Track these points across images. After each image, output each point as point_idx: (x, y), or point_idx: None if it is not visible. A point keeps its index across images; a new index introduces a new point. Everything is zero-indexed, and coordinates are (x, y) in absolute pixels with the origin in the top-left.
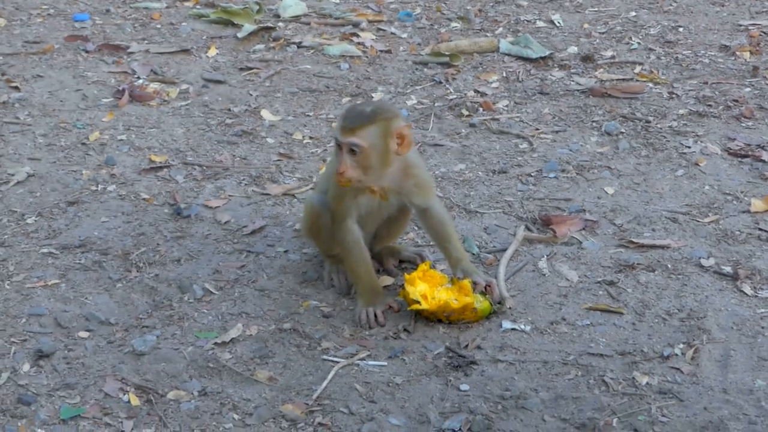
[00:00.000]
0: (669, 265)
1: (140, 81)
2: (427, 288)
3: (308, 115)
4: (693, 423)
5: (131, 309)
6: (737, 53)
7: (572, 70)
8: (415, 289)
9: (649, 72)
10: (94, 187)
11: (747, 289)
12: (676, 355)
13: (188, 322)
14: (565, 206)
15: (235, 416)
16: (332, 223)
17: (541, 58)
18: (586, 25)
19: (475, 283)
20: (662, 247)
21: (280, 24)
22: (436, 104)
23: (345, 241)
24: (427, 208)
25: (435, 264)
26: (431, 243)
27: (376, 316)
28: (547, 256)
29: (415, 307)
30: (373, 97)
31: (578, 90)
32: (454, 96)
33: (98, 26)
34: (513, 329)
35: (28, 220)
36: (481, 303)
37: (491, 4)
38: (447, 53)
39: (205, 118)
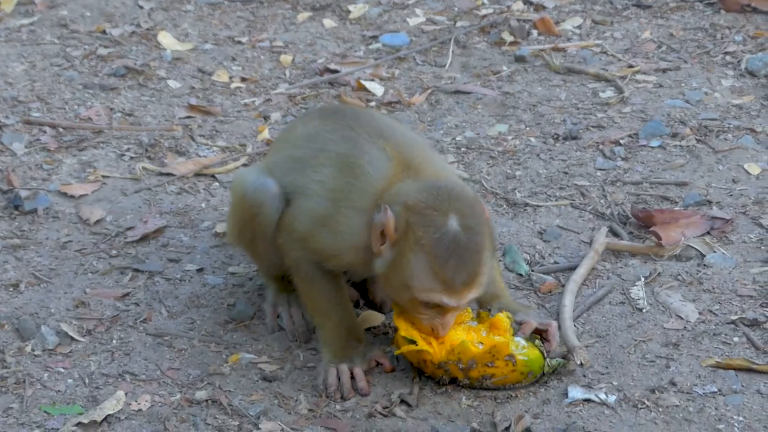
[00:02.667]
0: None
1: None
2: None
3: (239, 42)
4: None
5: None
6: None
7: None
8: (410, 325)
9: None
10: None
11: None
12: None
13: (33, 388)
14: (678, 195)
15: None
16: (279, 238)
17: None
18: None
19: (520, 323)
20: None
21: None
22: (458, 24)
23: (302, 264)
24: None
25: None
26: None
27: (353, 376)
28: (646, 278)
29: (407, 349)
30: (350, 11)
31: (701, 0)
32: (490, 10)
33: None
34: (587, 400)
35: None
36: (525, 350)
37: None
38: None
39: (63, 47)
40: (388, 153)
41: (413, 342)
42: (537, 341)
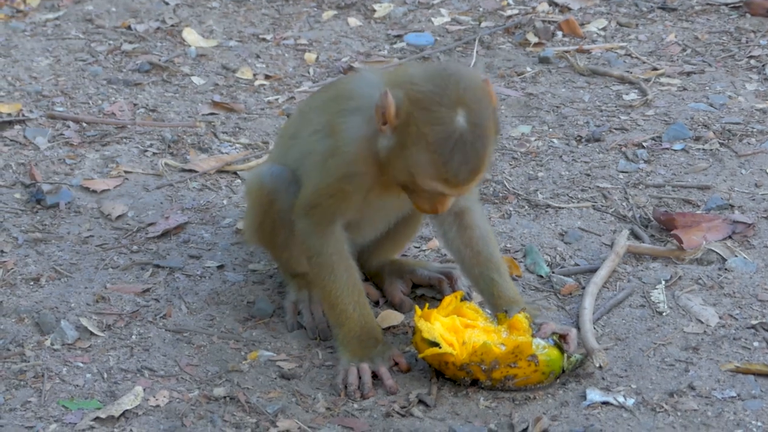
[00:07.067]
0: None
1: None
2: (453, 326)
3: (264, 39)
4: None
5: None
6: None
7: None
8: (432, 327)
9: None
10: None
11: None
12: None
13: (51, 382)
14: (700, 198)
15: None
16: (297, 224)
17: None
18: None
19: (539, 325)
20: None
21: None
22: (482, 24)
23: (322, 253)
24: (464, 211)
25: (472, 293)
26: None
27: (377, 376)
28: (667, 281)
29: (432, 353)
30: (374, 10)
31: (726, 3)
32: (515, 11)
33: None
34: (605, 403)
35: None
36: (545, 351)
37: None
38: None
39: (88, 42)
40: (380, 74)
41: (435, 344)
42: (555, 337)
